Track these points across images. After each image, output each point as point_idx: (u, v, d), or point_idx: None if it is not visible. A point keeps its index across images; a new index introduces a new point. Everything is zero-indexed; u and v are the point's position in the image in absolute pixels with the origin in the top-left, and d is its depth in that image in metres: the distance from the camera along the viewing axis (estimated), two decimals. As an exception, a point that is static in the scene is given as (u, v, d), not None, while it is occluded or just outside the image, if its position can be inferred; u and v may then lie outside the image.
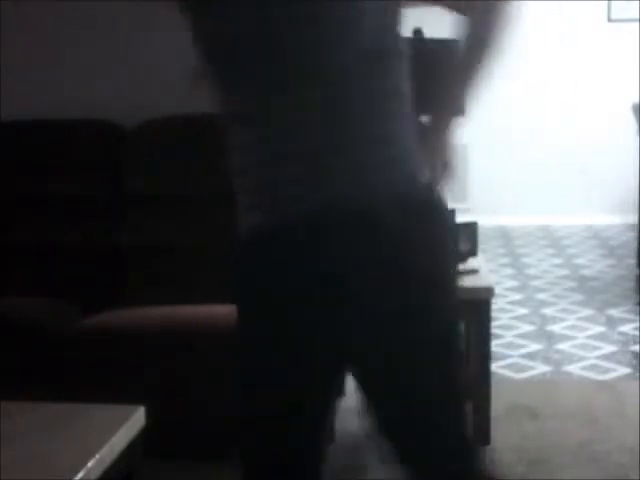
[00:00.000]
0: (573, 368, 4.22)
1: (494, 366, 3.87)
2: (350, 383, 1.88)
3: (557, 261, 6.12)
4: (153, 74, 3.76)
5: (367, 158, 1.72)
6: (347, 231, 1.72)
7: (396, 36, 1.78)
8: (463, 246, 3.45)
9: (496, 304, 4.64)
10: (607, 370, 4.18)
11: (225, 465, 1.90)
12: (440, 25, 2.25)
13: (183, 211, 3.63)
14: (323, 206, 1.72)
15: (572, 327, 4.79)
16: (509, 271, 5.88)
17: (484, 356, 3.37)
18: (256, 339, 1.84)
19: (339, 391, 1.92)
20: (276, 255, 1.78)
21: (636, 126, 5.91)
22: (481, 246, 3.67)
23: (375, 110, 1.73)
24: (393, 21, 1.77)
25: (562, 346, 4.51)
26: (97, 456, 1.89)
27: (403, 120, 1.77)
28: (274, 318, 1.80)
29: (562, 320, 4.90)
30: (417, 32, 3.34)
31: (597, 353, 4.40)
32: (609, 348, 4.46)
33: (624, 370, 4.18)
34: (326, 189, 1.72)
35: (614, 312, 5.00)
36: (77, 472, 1.82)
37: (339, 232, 1.73)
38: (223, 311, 3.04)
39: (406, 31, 2.56)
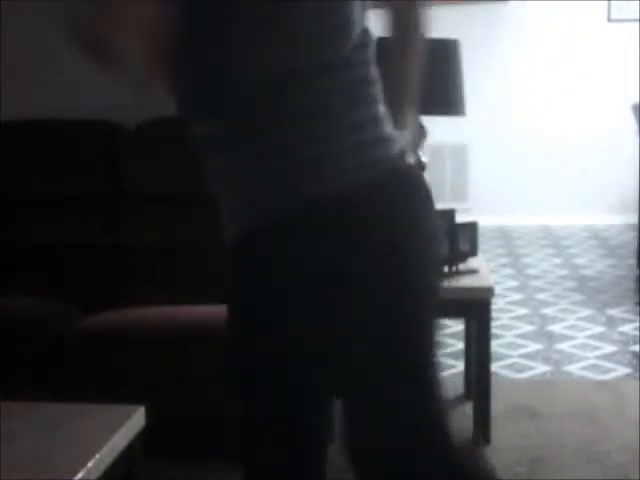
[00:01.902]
0: (573, 368, 4.22)
1: (494, 366, 3.87)
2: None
3: (557, 261, 6.12)
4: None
5: (347, 145, 1.73)
6: (330, 221, 1.72)
7: (367, 29, 1.82)
8: (463, 246, 3.45)
9: (496, 304, 4.64)
10: (607, 370, 4.18)
11: (225, 465, 1.90)
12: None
13: (183, 211, 3.62)
14: (304, 199, 1.72)
15: (572, 327, 4.79)
16: (509, 271, 5.88)
17: (484, 356, 3.37)
18: (251, 338, 1.84)
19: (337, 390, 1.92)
20: (263, 255, 1.78)
21: (636, 126, 5.90)
22: (481, 246, 3.67)
23: (352, 99, 1.75)
24: (364, 15, 1.81)
25: (562, 346, 4.51)
26: (97, 456, 1.90)
27: (376, 104, 1.80)
28: (270, 315, 1.80)
29: (562, 320, 4.90)
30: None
31: (597, 353, 4.40)
32: (609, 348, 4.46)
33: (624, 370, 4.18)
34: (305, 183, 1.72)
35: (614, 312, 5.00)
36: (77, 472, 1.83)
37: (322, 223, 1.73)
38: (223, 311, 3.04)
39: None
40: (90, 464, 1.86)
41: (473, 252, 3.51)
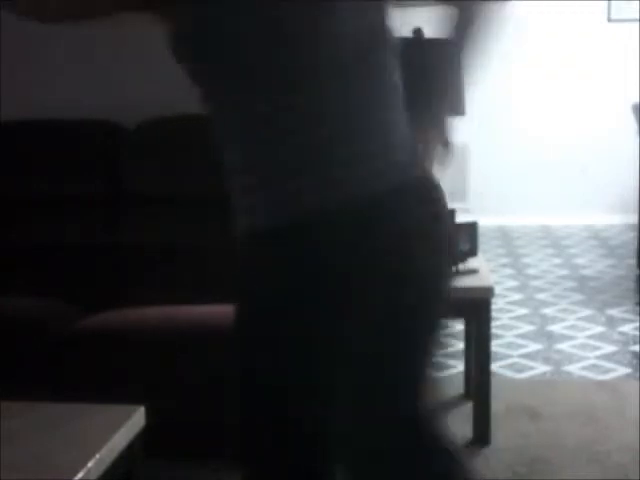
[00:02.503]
0: (573, 368, 4.22)
1: (494, 366, 3.87)
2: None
3: (557, 261, 6.12)
4: (153, 74, 3.76)
5: (363, 150, 1.74)
6: (343, 226, 1.74)
7: (385, 31, 1.80)
8: (463, 246, 3.46)
9: (496, 304, 4.64)
10: (607, 370, 4.18)
11: (225, 465, 1.90)
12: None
13: (183, 211, 3.62)
14: (320, 202, 1.73)
15: (572, 327, 4.79)
16: (509, 271, 5.88)
17: (484, 356, 3.37)
18: (257, 337, 1.85)
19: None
20: (275, 253, 1.79)
21: (636, 126, 5.91)
22: (481, 246, 3.67)
23: (368, 103, 1.75)
24: (381, 17, 1.78)
25: (562, 346, 4.51)
26: (97, 456, 1.90)
27: (395, 111, 1.80)
28: (276, 313, 1.81)
29: (562, 320, 4.90)
30: (417, 32, 3.34)
31: (597, 353, 4.40)
32: (609, 348, 4.46)
33: (624, 370, 4.18)
34: (321, 186, 1.73)
35: (614, 312, 5.00)
36: (77, 472, 1.83)
37: (334, 227, 1.74)
38: (223, 311, 3.04)
39: (406, 31, 2.54)
40: (90, 464, 1.86)
41: (473, 252, 3.51)
